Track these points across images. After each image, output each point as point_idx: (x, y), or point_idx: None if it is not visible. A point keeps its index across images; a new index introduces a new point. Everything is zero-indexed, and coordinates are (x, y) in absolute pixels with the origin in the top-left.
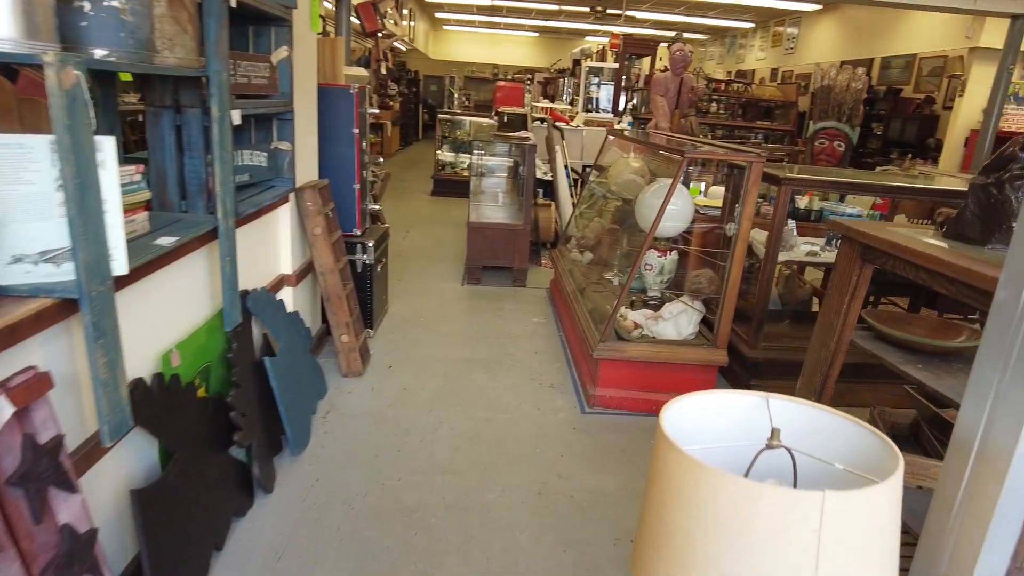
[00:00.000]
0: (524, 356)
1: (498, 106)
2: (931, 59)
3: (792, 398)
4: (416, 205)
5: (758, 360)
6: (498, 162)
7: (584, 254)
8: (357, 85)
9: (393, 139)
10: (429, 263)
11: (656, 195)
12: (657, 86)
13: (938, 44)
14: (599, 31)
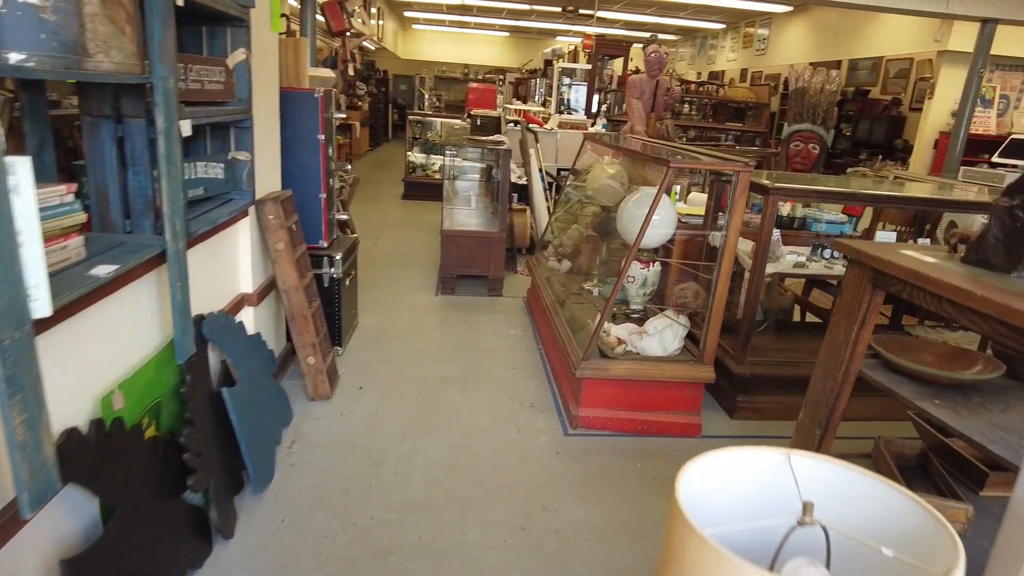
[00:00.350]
0: (502, 372)
1: (470, 108)
2: (897, 61)
3: (817, 455)
4: (386, 209)
5: (745, 376)
6: (471, 166)
7: (562, 262)
8: (322, 88)
9: (362, 140)
10: (401, 272)
11: (639, 204)
12: (632, 88)
13: (907, 47)
14: (570, 31)
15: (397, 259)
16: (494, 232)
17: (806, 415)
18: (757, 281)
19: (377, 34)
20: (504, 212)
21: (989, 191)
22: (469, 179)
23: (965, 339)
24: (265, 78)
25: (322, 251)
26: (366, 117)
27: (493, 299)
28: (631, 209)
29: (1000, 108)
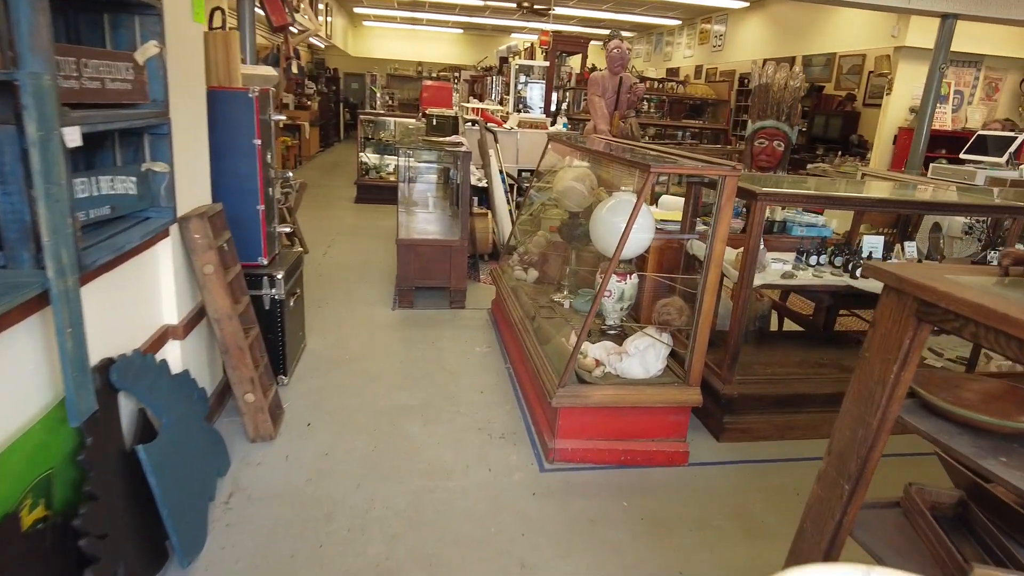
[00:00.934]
0: (468, 398)
1: (425, 107)
2: (850, 57)
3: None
4: (338, 215)
5: (733, 396)
6: (428, 167)
7: (528, 272)
8: (257, 88)
9: (312, 141)
10: (355, 285)
11: (614, 212)
12: (594, 86)
13: (862, 42)
14: (525, 28)
15: (350, 270)
16: (454, 240)
17: (831, 467)
18: (744, 294)
19: (325, 31)
20: (465, 218)
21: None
22: (426, 181)
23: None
24: (186, 76)
25: (261, 270)
26: (316, 117)
27: (455, 312)
28: (605, 217)
29: (955, 103)
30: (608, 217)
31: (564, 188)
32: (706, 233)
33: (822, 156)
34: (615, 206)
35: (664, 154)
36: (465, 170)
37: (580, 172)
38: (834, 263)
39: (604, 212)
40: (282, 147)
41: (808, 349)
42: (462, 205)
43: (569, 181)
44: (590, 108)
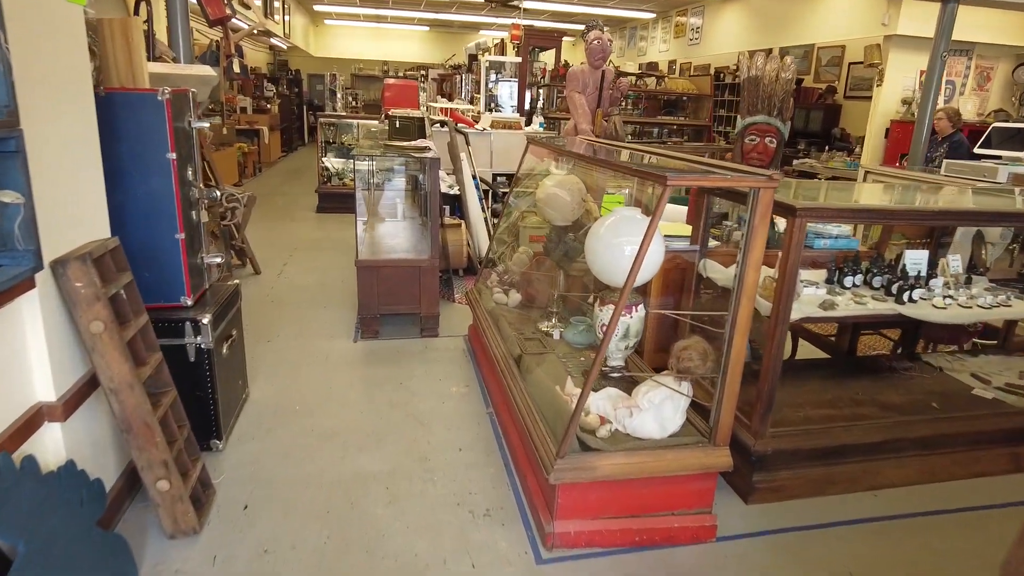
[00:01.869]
0: (445, 458)
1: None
2: (829, 48)
3: None
4: (298, 226)
5: (766, 453)
6: (392, 176)
7: (510, 294)
8: (169, 90)
9: (273, 146)
10: (311, 311)
11: (616, 232)
12: (573, 81)
13: (849, 32)
14: (494, 24)
15: (307, 292)
16: (424, 260)
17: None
18: (781, 331)
19: (283, 30)
20: (436, 233)
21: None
22: (390, 189)
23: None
24: (54, 73)
25: (184, 313)
26: (276, 121)
27: (427, 342)
28: (606, 238)
29: (947, 94)
30: (610, 238)
31: (548, 198)
32: (719, 250)
33: (805, 151)
34: (617, 225)
35: (668, 158)
36: (434, 179)
37: (566, 180)
38: (871, 284)
39: (604, 231)
40: (238, 153)
41: (838, 382)
42: (432, 219)
43: (553, 190)
44: (570, 105)
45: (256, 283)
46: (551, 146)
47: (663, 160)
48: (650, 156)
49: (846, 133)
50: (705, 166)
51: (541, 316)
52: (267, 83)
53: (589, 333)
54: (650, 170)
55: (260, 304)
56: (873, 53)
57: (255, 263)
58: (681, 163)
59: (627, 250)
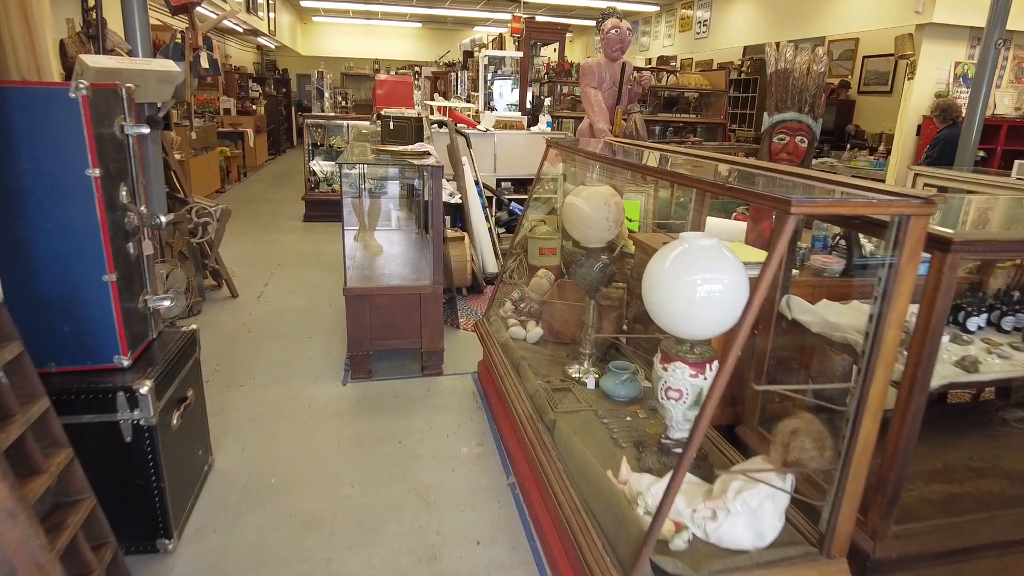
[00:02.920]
0: (459, 558)
1: (380, 107)
2: (842, 41)
3: None
4: (282, 238)
5: (890, 559)
6: (384, 185)
7: (528, 327)
8: (85, 84)
9: (259, 149)
10: (293, 342)
11: (688, 268)
12: (588, 75)
13: (873, 22)
14: (489, 20)
15: (290, 319)
16: (425, 286)
17: None
18: (917, 403)
19: (268, 27)
20: (439, 255)
21: None
22: (384, 199)
23: None
24: None
25: (116, 379)
26: (263, 123)
27: (430, 381)
28: (673, 275)
29: None
30: (679, 275)
31: (576, 216)
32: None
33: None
34: (688, 258)
35: (740, 165)
36: (437, 190)
37: (597, 192)
38: (1000, 326)
39: (671, 266)
40: (220, 158)
41: (941, 441)
42: (435, 237)
43: (582, 206)
44: (584, 103)
45: (232, 308)
46: (579, 150)
47: (740, 169)
48: (716, 165)
49: (860, 130)
50: (826, 181)
51: (569, 357)
52: (252, 83)
53: (633, 384)
54: (762, 191)
55: (234, 336)
56: (905, 44)
57: (231, 285)
58: (785, 176)
59: (701, 290)
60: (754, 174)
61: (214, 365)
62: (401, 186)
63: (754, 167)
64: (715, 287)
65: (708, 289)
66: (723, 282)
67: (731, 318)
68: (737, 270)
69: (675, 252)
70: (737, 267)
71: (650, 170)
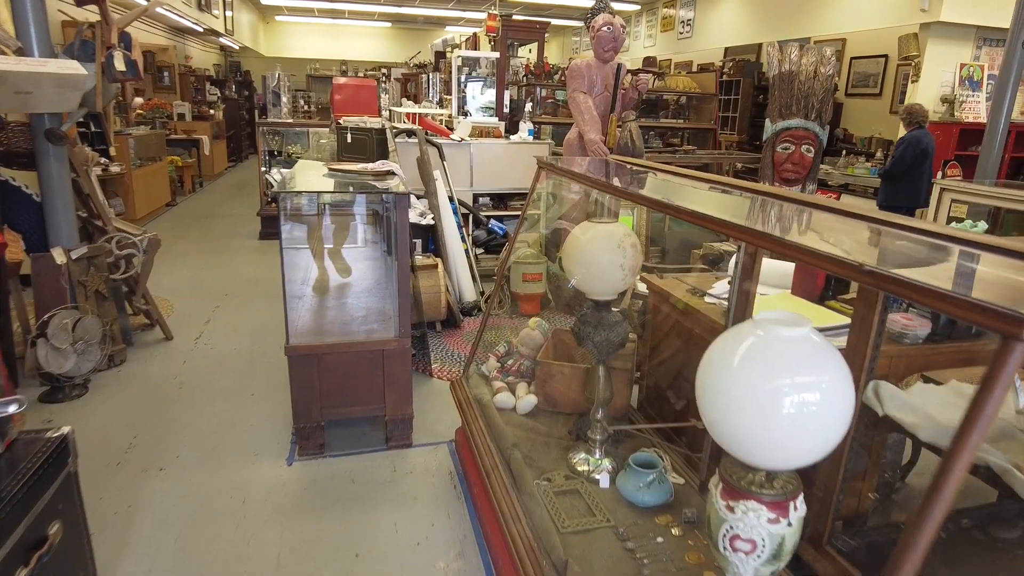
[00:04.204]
0: None
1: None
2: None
3: None
4: (233, 260)
5: None
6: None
7: (518, 392)
8: None
9: (217, 157)
10: (232, 403)
11: (770, 371)
12: (577, 78)
13: (874, 21)
14: (462, 20)
15: (231, 368)
16: (390, 340)
17: None
18: None
19: (224, 26)
20: (405, 301)
21: None
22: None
23: None
24: None
25: None
26: (221, 129)
27: (396, 456)
28: (745, 379)
29: (989, 91)
30: (757, 379)
31: (583, 261)
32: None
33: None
34: (764, 354)
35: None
36: (402, 226)
37: (609, 232)
38: None
39: (740, 368)
40: (170, 168)
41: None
42: (400, 279)
43: (591, 251)
44: (573, 110)
45: (164, 355)
46: (583, 178)
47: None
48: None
49: (849, 134)
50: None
51: (572, 435)
52: (210, 86)
53: (662, 487)
54: (959, 296)
55: (162, 394)
56: (910, 44)
57: (164, 326)
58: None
59: (789, 404)
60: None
61: (130, 439)
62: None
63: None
64: (810, 398)
65: (800, 401)
66: (821, 390)
67: (830, 440)
68: (839, 371)
69: (745, 344)
70: (839, 367)
71: (727, 227)
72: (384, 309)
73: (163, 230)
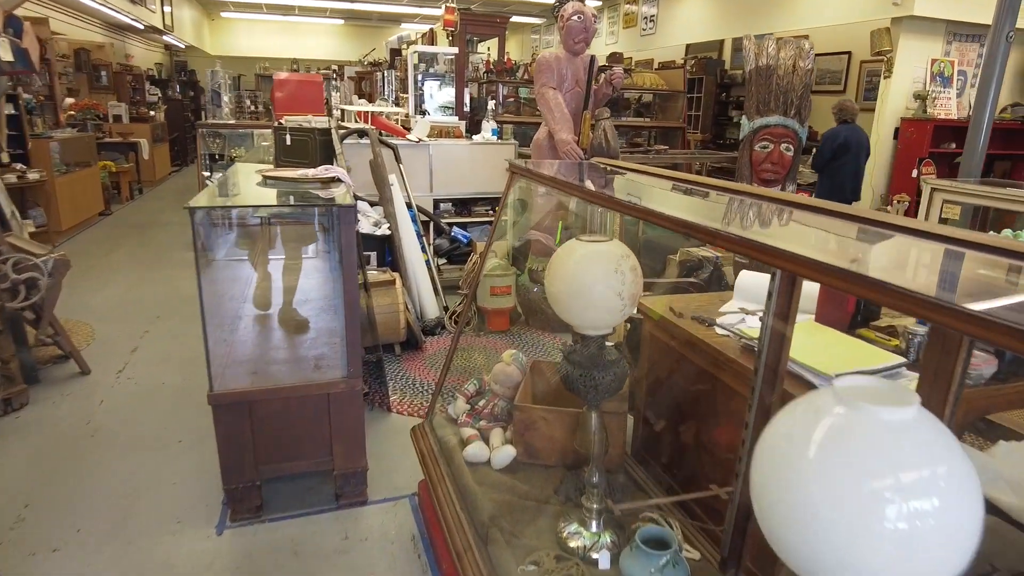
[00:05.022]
0: None
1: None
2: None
3: None
4: (170, 276)
5: None
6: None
7: (493, 440)
8: None
9: (159, 161)
10: (154, 455)
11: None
12: (545, 72)
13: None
14: (417, 16)
15: (155, 409)
16: (336, 382)
17: None
18: None
19: (163, 21)
20: (354, 337)
21: None
22: (283, 237)
23: None
24: None
25: None
26: (163, 131)
27: (348, 518)
28: (828, 478)
29: (958, 86)
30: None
31: (572, 291)
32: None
33: None
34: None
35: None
36: (347, 245)
37: (605, 255)
38: None
39: (818, 460)
40: (103, 174)
41: None
42: (347, 304)
43: (582, 277)
44: (541, 107)
45: (77, 393)
46: (573, 188)
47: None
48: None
49: (813, 131)
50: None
51: (559, 494)
52: (150, 86)
53: (677, 572)
54: None
55: (69, 444)
56: (882, 39)
57: (79, 358)
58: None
59: (893, 515)
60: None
61: (18, 510)
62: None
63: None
64: (924, 506)
65: (910, 512)
66: (940, 494)
67: (955, 567)
68: (961, 468)
69: (824, 427)
70: (960, 463)
71: (768, 254)
72: (333, 337)
73: (93, 242)
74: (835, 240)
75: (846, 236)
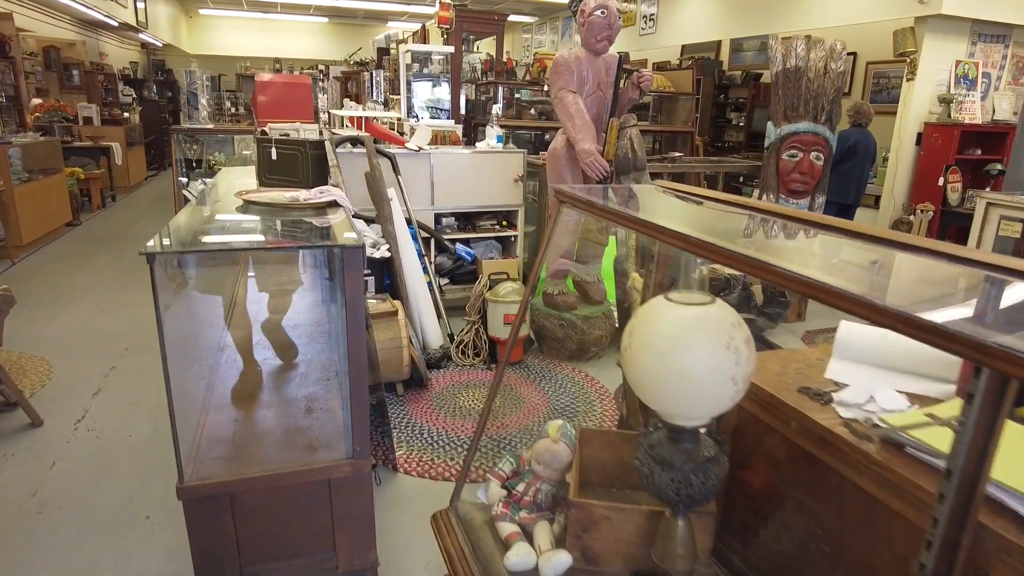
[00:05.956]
0: None
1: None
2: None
3: None
4: (143, 298)
5: None
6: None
7: (540, 541)
8: None
9: (134, 166)
10: (113, 539)
11: None
12: (564, 73)
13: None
14: (405, 14)
15: (118, 471)
16: (340, 464)
17: None
18: None
19: (137, 19)
20: (361, 404)
21: None
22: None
23: None
24: None
25: None
26: (138, 134)
27: None
28: None
29: (982, 90)
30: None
31: (669, 373)
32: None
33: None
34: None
35: None
36: (354, 292)
37: (709, 320)
38: None
39: None
40: (70, 182)
41: None
42: (353, 372)
43: (684, 352)
44: (559, 113)
45: (25, 453)
46: (662, 232)
47: None
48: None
49: None
50: None
51: None
52: (124, 86)
53: None
54: None
55: (5, 527)
56: (906, 39)
57: (28, 408)
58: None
59: None
60: None
61: None
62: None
63: None
64: None
65: None
66: None
67: None
68: None
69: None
70: None
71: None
72: (333, 407)
73: (57, 258)
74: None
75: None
